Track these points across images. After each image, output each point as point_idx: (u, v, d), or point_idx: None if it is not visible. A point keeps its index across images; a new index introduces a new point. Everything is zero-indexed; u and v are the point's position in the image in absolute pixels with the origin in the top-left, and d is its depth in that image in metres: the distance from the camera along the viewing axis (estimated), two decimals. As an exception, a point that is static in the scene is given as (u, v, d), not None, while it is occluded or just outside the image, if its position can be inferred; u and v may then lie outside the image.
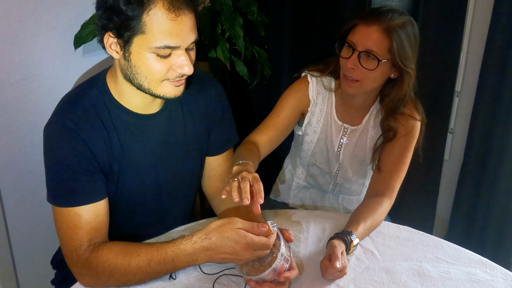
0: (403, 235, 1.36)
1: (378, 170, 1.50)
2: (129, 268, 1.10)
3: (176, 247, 1.10)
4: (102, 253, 1.12)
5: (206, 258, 1.10)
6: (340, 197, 1.74)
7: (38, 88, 1.77)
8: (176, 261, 1.10)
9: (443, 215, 2.34)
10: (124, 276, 1.11)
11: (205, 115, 1.33)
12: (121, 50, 1.08)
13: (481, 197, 2.12)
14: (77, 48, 1.77)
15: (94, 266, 1.12)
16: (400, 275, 1.20)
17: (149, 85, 1.11)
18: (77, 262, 1.14)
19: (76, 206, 1.13)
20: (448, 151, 2.28)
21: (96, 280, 1.13)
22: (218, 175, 1.41)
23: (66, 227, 1.14)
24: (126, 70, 1.11)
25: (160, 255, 1.10)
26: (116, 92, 1.18)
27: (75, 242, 1.13)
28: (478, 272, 1.21)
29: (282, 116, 1.55)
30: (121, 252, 1.11)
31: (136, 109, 1.20)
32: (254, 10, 2.09)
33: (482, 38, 1.99)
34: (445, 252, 1.29)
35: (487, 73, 1.98)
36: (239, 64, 2.16)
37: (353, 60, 1.39)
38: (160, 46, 1.04)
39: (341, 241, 1.22)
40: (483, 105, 2.02)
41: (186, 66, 1.09)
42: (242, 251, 1.06)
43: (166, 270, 1.12)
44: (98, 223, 1.16)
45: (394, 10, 1.40)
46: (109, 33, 1.07)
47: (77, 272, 1.15)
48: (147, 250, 1.11)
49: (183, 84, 1.14)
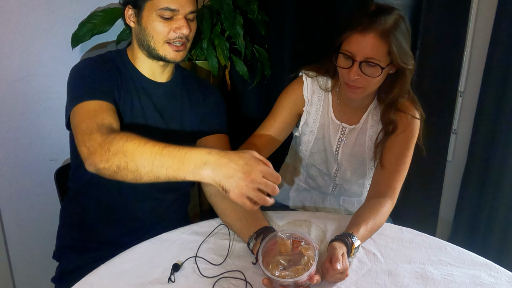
0: (405, 237, 1.35)
1: (381, 167, 1.49)
2: (143, 146, 1.10)
3: (193, 148, 1.09)
4: (126, 133, 1.15)
5: (216, 164, 1.04)
6: (341, 199, 1.73)
7: (36, 87, 1.78)
8: (186, 158, 1.06)
9: (446, 216, 2.33)
10: (131, 153, 1.10)
11: (201, 103, 1.55)
12: (136, 18, 1.38)
13: (485, 198, 2.11)
14: (75, 47, 1.79)
15: (111, 138, 1.14)
16: (403, 278, 1.19)
17: (155, 44, 1.37)
18: (96, 134, 1.17)
19: (97, 99, 1.29)
20: (451, 151, 2.27)
21: (104, 153, 1.13)
22: None
23: (88, 113, 1.26)
24: (139, 33, 1.39)
25: (175, 147, 1.09)
26: (132, 58, 1.45)
27: (98, 120, 1.23)
28: (482, 275, 1.20)
29: (278, 120, 1.58)
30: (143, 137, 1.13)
31: (146, 74, 1.45)
32: (254, 8, 2.09)
33: (485, 37, 1.99)
34: (449, 254, 1.28)
35: (491, 72, 1.97)
36: (239, 63, 2.15)
37: (356, 71, 1.37)
38: (163, 8, 1.32)
39: (342, 243, 1.21)
40: (487, 105, 2.01)
41: (184, 28, 1.35)
42: (251, 170, 1.03)
43: (170, 165, 1.07)
44: (116, 116, 1.31)
45: (382, 8, 1.38)
46: (129, 6, 1.38)
47: (91, 149, 1.16)
48: (165, 143, 1.11)
49: (182, 51, 1.39)
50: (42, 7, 1.73)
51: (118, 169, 1.11)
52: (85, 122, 1.23)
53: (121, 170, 1.11)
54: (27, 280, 1.90)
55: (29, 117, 1.78)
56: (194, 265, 1.22)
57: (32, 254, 1.88)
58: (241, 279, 1.17)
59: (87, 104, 1.28)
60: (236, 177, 1.03)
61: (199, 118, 1.54)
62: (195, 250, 1.28)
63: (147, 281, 1.16)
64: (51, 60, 1.80)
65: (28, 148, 1.79)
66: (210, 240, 1.32)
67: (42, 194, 1.85)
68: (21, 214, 1.83)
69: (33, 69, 1.76)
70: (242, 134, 1.51)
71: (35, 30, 1.72)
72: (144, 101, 1.44)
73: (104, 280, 1.17)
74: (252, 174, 1.03)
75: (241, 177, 1.03)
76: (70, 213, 1.51)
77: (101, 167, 1.13)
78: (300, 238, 1.15)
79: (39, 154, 1.83)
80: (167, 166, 1.07)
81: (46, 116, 1.81)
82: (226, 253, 1.27)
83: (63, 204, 1.57)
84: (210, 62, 2.02)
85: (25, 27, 1.69)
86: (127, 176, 1.11)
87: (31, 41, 1.73)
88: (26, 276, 1.89)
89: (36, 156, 1.82)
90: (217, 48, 2.04)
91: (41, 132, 1.82)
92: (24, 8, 1.68)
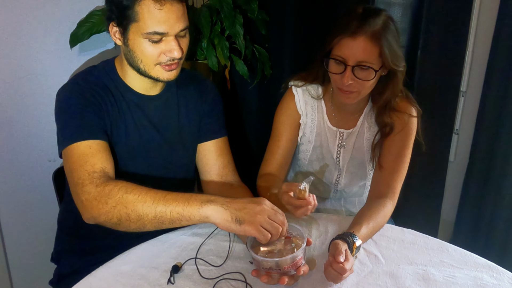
0: (407, 239, 1.35)
1: (380, 168, 1.49)
2: (145, 195, 1.11)
3: (198, 194, 1.12)
4: (120, 182, 1.15)
5: (221, 202, 1.09)
6: (342, 200, 1.72)
7: (35, 87, 1.78)
8: (192, 197, 1.10)
9: (448, 217, 2.32)
10: (132, 203, 1.11)
11: (198, 106, 1.48)
12: (122, 37, 1.27)
13: (487, 199, 2.10)
14: (73, 46, 1.78)
15: (108, 190, 1.14)
16: (404, 280, 1.18)
17: (144, 67, 1.28)
18: (89, 186, 1.16)
19: (86, 139, 1.23)
20: (453, 152, 2.26)
21: (102, 206, 1.13)
22: (214, 171, 1.49)
23: (78, 158, 1.21)
24: (127, 54, 1.29)
25: (178, 194, 1.12)
26: (122, 73, 1.36)
27: (88, 167, 1.19)
28: (484, 277, 1.20)
29: (282, 140, 1.58)
30: (140, 187, 1.14)
31: (137, 89, 1.37)
32: (254, 7, 2.09)
33: (488, 36, 1.98)
34: (451, 255, 1.28)
35: (493, 72, 1.96)
36: (239, 63, 2.15)
37: (349, 76, 1.36)
38: (150, 32, 1.21)
39: (343, 242, 1.20)
40: (489, 104, 2.00)
41: (175, 50, 1.24)
42: (258, 211, 1.07)
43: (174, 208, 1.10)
44: (108, 156, 1.25)
45: (369, 10, 1.38)
46: (113, 23, 1.26)
47: (86, 198, 1.15)
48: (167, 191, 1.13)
49: (175, 69, 1.30)
50: (41, 6, 1.73)
51: (119, 221, 1.13)
52: (75, 172, 1.20)
53: (123, 221, 1.13)
54: (25, 283, 1.89)
55: (28, 116, 1.78)
56: (194, 266, 1.22)
57: (30, 256, 1.88)
58: (241, 281, 1.16)
59: (77, 147, 1.22)
60: (248, 208, 1.08)
61: (198, 122, 1.49)
62: (195, 251, 1.27)
63: (146, 282, 1.16)
64: (50, 59, 1.80)
65: (27, 148, 1.79)
66: (210, 242, 1.32)
67: (40, 194, 1.85)
68: (19, 215, 1.83)
69: (32, 68, 1.75)
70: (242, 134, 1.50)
71: (33, 29, 1.72)
72: (137, 117, 1.37)
73: (103, 282, 1.16)
74: (258, 215, 1.07)
75: (252, 207, 1.08)
76: (68, 218, 1.49)
77: (101, 220, 1.15)
78: (290, 233, 1.17)
79: (37, 154, 1.83)
80: (171, 210, 1.10)
81: (45, 115, 1.80)
82: (226, 255, 1.26)
83: (61, 208, 1.55)
84: (210, 61, 2.02)
85: (24, 26, 1.69)
86: (130, 227, 1.13)
87: (30, 40, 1.72)
88: (24, 279, 1.89)
89: (34, 156, 1.82)
90: (217, 48, 2.04)
91: (39, 132, 1.82)
92: (22, 8, 1.67)
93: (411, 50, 2.06)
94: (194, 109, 1.48)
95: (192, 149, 1.49)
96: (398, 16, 2.07)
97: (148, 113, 1.39)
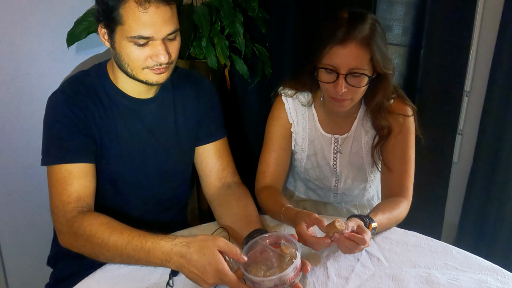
0: (410, 241, 1.34)
1: (389, 171, 1.49)
2: (107, 241, 1.14)
3: (156, 241, 1.12)
4: (88, 218, 1.19)
5: (177, 264, 1.10)
6: (343, 203, 1.71)
7: (32, 86, 1.78)
8: (151, 255, 1.12)
9: (452, 219, 2.31)
10: (98, 247, 1.16)
11: (196, 107, 1.44)
12: (109, 39, 1.24)
13: (492, 201, 2.10)
14: (70, 45, 1.78)
15: (76, 227, 1.18)
16: (407, 283, 1.18)
17: (132, 71, 1.24)
18: (62, 218, 1.21)
19: (67, 163, 1.24)
20: (457, 153, 2.25)
21: (73, 241, 1.20)
22: (213, 173, 1.47)
23: (57, 183, 1.24)
24: (115, 57, 1.26)
25: (139, 242, 1.13)
26: (113, 77, 1.33)
27: (64, 197, 1.22)
28: (489, 280, 1.19)
29: (276, 149, 1.56)
30: (106, 224, 1.17)
31: (130, 93, 1.33)
32: (254, 6, 2.08)
33: (492, 36, 1.97)
34: (455, 258, 1.27)
35: (497, 72, 1.96)
36: (239, 62, 2.15)
37: (342, 84, 1.35)
38: (135, 36, 1.17)
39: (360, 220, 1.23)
40: (493, 105, 2.00)
41: (162, 55, 1.20)
42: (209, 274, 1.07)
43: (139, 259, 1.14)
44: (87, 182, 1.26)
45: (355, 14, 1.36)
46: (101, 24, 1.24)
47: (59, 229, 1.23)
48: (130, 232, 1.15)
49: (165, 72, 1.25)
50: (38, 5, 1.72)
51: (91, 256, 1.19)
52: (53, 198, 1.24)
53: (95, 258, 1.19)
54: (21, 287, 1.88)
55: (25, 116, 1.77)
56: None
57: (27, 260, 1.87)
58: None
59: (58, 169, 1.23)
60: (195, 277, 1.08)
61: (195, 124, 1.45)
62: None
63: (145, 285, 1.15)
64: (47, 59, 1.79)
65: (24, 149, 1.78)
66: (209, 244, 1.30)
67: (37, 196, 1.84)
68: (15, 217, 1.82)
69: (29, 68, 1.75)
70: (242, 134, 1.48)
71: (30, 28, 1.72)
72: (131, 123, 1.34)
73: (101, 285, 1.16)
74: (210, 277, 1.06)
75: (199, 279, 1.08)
76: None
77: (74, 251, 1.22)
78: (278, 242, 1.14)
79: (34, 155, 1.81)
80: (136, 260, 1.14)
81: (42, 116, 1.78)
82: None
83: None
84: (210, 61, 2.02)
85: (21, 25, 1.69)
86: (101, 260, 1.20)
87: (27, 39, 1.72)
88: (21, 283, 1.88)
89: (32, 157, 1.81)
90: (217, 47, 2.03)
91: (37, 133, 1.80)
92: (20, 7, 1.67)
93: (414, 49, 2.06)
94: (191, 110, 1.43)
95: (190, 153, 1.47)
96: (401, 15, 2.07)
97: (143, 117, 1.35)
